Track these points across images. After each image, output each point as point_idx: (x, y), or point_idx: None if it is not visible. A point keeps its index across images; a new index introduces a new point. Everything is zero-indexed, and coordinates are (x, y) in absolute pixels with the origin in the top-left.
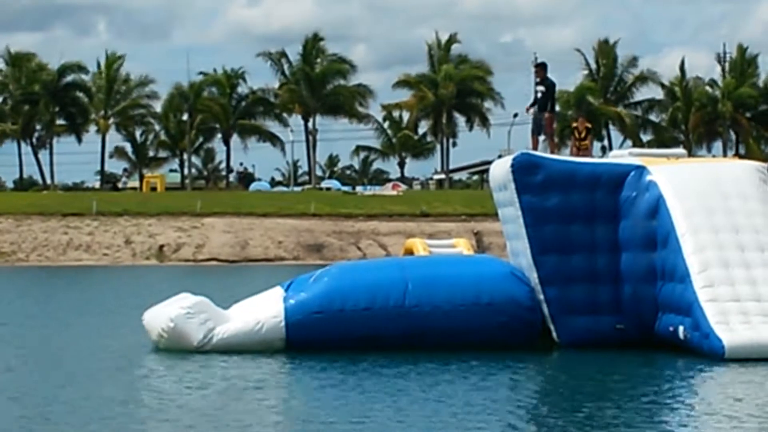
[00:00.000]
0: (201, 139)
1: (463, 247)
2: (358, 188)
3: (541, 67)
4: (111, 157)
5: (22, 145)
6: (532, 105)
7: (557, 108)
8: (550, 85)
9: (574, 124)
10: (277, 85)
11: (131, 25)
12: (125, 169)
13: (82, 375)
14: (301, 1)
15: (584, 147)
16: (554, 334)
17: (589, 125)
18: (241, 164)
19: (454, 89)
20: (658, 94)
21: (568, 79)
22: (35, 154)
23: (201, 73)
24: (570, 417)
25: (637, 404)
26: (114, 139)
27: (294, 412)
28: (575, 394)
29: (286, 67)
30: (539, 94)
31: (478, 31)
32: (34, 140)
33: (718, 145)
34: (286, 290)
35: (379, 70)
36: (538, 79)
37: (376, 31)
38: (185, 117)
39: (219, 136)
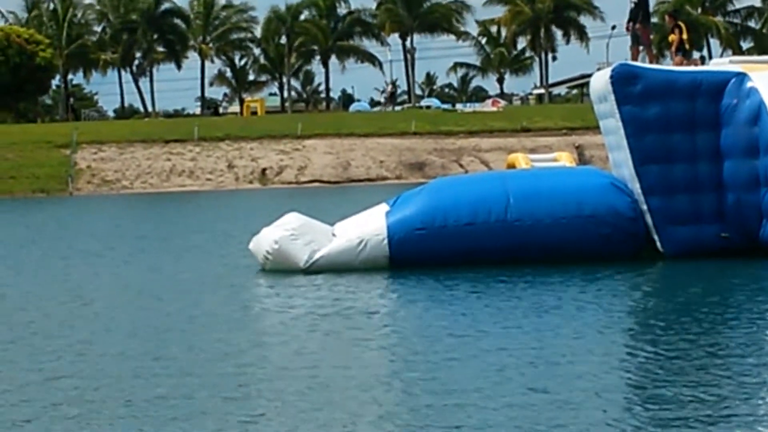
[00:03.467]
0: (300, 62)
1: (565, 160)
2: (458, 106)
3: None
4: (212, 84)
5: (123, 73)
6: (629, 20)
7: (654, 19)
8: None
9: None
10: (374, 5)
11: None
12: (225, 95)
13: (189, 298)
14: None
15: (672, 41)
16: (658, 245)
17: (681, 24)
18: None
19: (551, 3)
20: (757, 1)
21: None
22: (136, 83)
23: None
24: (679, 327)
25: (743, 313)
26: (213, 64)
27: (407, 328)
28: (682, 303)
29: None
30: (632, 5)
31: None
32: (134, 68)
33: None
34: (390, 206)
35: None
36: None
37: None
38: (283, 40)
39: (317, 58)
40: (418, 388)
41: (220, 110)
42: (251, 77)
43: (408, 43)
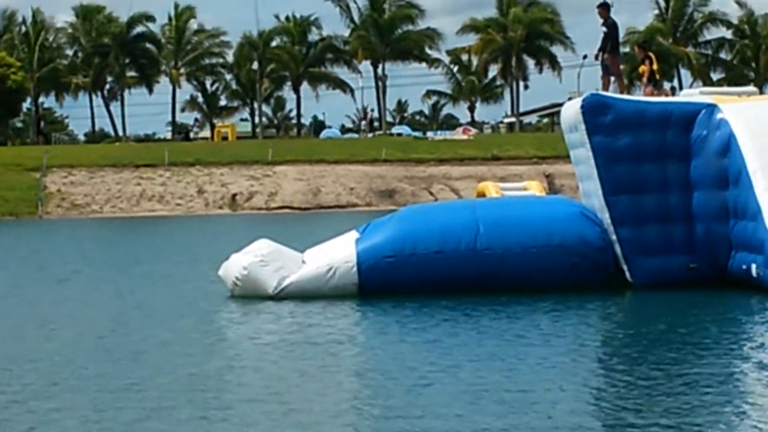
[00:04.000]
0: (271, 88)
1: (535, 189)
2: (429, 133)
3: (603, 8)
4: (183, 110)
5: (94, 97)
6: (599, 50)
7: (626, 49)
8: (611, 26)
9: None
10: (346, 32)
11: None
12: (196, 120)
13: (159, 324)
14: None
15: (641, 72)
16: (627, 275)
17: (651, 55)
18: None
19: (522, 32)
20: (728, 33)
21: (638, 19)
22: (107, 106)
23: (275, 16)
24: (649, 356)
25: (713, 343)
26: (184, 89)
27: (378, 355)
28: (653, 333)
29: (354, 13)
30: (603, 35)
31: None
32: (105, 92)
33: None
34: (360, 234)
35: (448, 15)
36: (602, 20)
37: None
38: (255, 66)
39: (289, 84)
40: (392, 413)
41: (191, 135)
42: (222, 102)
43: (380, 70)
